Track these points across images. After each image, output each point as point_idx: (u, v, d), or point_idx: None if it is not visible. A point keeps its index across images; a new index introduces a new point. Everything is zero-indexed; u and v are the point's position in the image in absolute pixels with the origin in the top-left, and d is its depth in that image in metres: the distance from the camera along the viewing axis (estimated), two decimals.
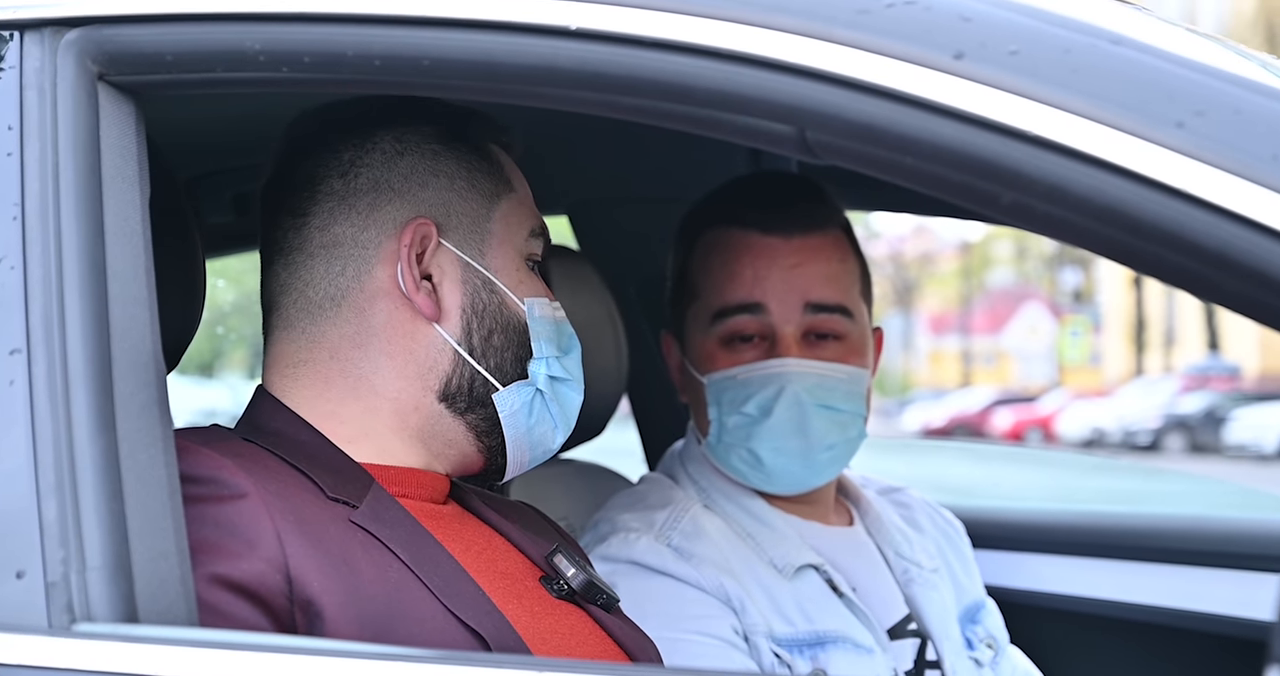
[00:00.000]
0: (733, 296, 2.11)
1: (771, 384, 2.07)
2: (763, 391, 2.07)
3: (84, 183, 1.35)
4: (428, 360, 1.61)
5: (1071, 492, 9.17)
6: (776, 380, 2.07)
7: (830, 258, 2.13)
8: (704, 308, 2.14)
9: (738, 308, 2.10)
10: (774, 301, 2.09)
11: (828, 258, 2.12)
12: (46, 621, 1.26)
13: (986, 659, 2.22)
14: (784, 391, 2.07)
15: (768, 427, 2.08)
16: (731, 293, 2.11)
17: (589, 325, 2.25)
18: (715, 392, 2.11)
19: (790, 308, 2.09)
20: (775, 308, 2.09)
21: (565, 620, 1.63)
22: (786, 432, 2.07)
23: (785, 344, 2.08)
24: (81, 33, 1.38)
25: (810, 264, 2.11)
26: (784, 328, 2.08)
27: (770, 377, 2.07)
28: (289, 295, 1.63)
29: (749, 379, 2.08)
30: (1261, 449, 28.15)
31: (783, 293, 2.09)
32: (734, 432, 2.10)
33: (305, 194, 1.63)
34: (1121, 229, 1.15)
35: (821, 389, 2.08)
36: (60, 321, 1.31)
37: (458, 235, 1.63)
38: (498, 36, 1.28)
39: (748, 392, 2.08)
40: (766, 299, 2.09)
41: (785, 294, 2.09)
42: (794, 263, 2.10)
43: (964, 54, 1.18)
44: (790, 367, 2.07)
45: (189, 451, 1.44)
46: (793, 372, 2.07)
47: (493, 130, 1.71)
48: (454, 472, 1.68)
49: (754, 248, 2.11)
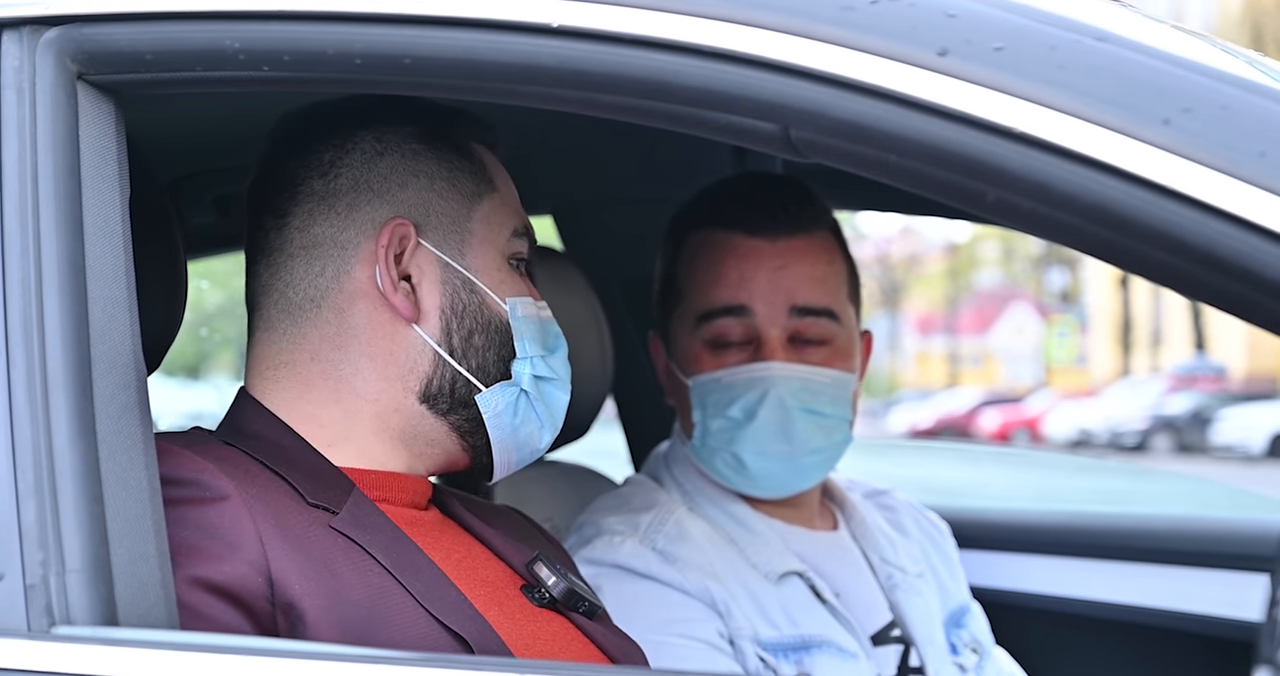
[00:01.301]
0: (718, 298, 2.10)
1: (755, 387, 2.06)
2: (747, 395, 2.06)
3: (63, 182, 1.34)
4: (408, 361, 1.60)
5: (1059, 492, 9.17)
6: (760, 383, 2.06)
7: (817, 259, 2.11)
8: (689, 310, 2.13)
9: (723, 310, 2.09)
10: (759, 304, 2.08)
11: (814, 260, 2.11)
12: (25, 624, 1.26)
13: (971, 664, 2.21)
14: (768, 395, 2.06)
15: (751, 431, 2.07)
16: (717, 295, 2.10)
17: (574, 326, 2.24)
18: (699, 395, 2.10)
19: (776, 310, 2.08)
20: (761, 310, 2.08)
21: (547, 627, 1.62)
22: (770, 436, 2.07)
23: (770, 347, 2.07)
24: (60, 32, 1.37)
25: (796, 266, 2.10)
26: (769, 330, 2.07)
27: (754, 381, 2.06)
28: (270, 296, 1.62)
29: (733, 382, 2.08)
30: (1248, 449, 28.22)
31: (768, 295, 2.08)
32: (718, 436, 2.09)
33: (287, 194, 1.62)
34: (1108, 227, 1.15)
35: (806, 392, 2.07)
36: (39, 322, 1.31)
37: (437, 235, 1.62)
38: (479, 34, 1.28)
39: (732, 395, 2.07)
40: (752, 301, 2.08)
41: (771, 296, 2.08)
42: (779, 264, 2.09)
43: (949, 50, 1.18)
44: (774, 371, 2.06)
45: (170, 454, 1.43)
46: (777, 376, 2.06)
47: (477, 129, 1.70)
48: (439, 472, 1.67)
49: (740, 249, 2.10)
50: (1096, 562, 2.83)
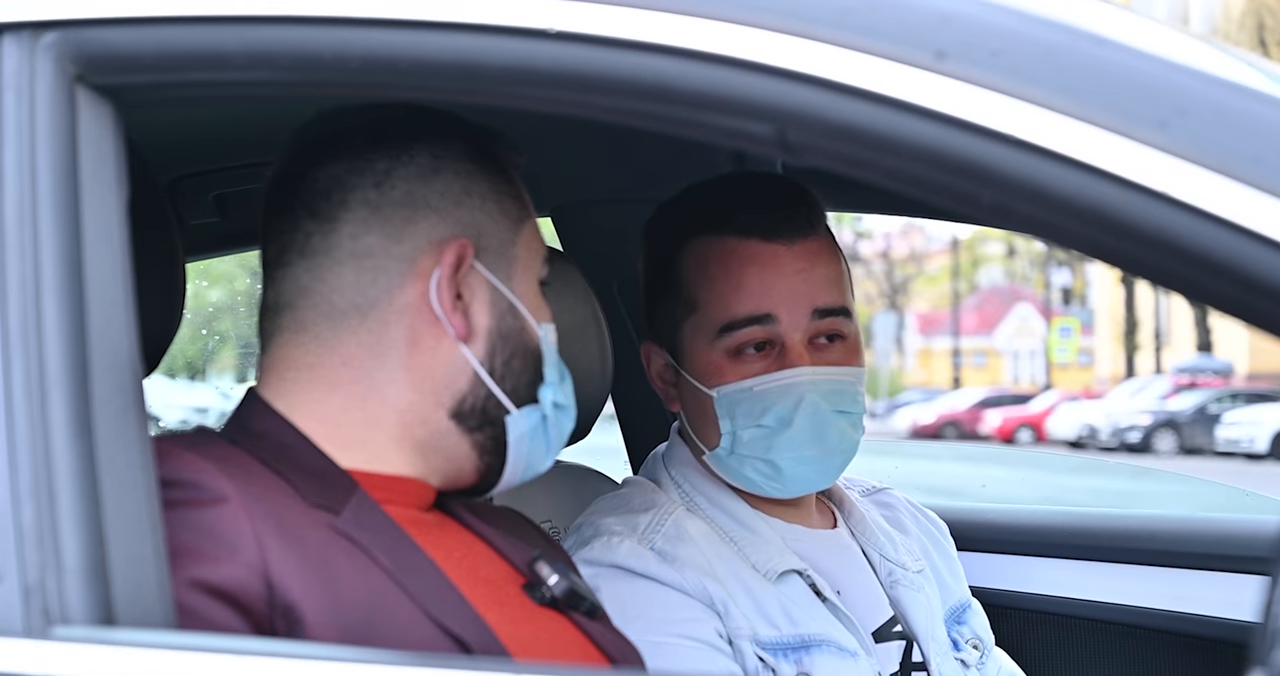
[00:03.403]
0: (740, 309, 2.07)
1: (789, 394, 2.05)
2: (781, 402, 2.05)
3: (61, 185, 1.34)
4: (445, 378, 1.60)
5: (1057, 492, 9.16)
6: (794, 390, 2.05)
7: (830, 260, 2.11)
8: (707, 320, 2.10)
9: (746, 320, 2.06)
10: (783, 310, 2.06)
11: (827, 261, 2.10)
12: (23, 624, 1.26)
13: (973, 660, 2.21)
14: (803, 401, 2.04)
15: (788, 438, 2.05)
16: (739, 305, 2.07)
17: (575, 327, 2.25)
18: (727, 406, 2.08)
19: (799, 315, 2.06)
20: (785, 316, 2.06)
21: (547, 627, 1.63)
22: (806, 441, 2.06)
23: (797, 352, 2.05)
24: (60, 35, 1.37)
25: (814, 269, 2.08)
26: (793, 335, 2.06)
27: (788, 388, 2.05)
28: (309, 299, 1.60)
29: (765, 391, 2.06)
30: (1252, 448, 28.23)
31: (791, 301, 2.06)
32: (751, 445, 2.08)
33: (336, 198, 1.60)
34: (1104, 229, 1.15)
35: (835, 394, 2.07)
36: (37, 324, 1.31)
37: (488, 258, 1.62)
38: (476, 38, 1.28)
39: (764, 404, 2.06)
40: (775, 309, 2.06)
41: (794, 302, 2.06)
42: (799, 268, 2.07)
43: (946, 54, 1.18)
44: (805, 376, 2.04)
45: (170, 455, 1.43)
46: (809, 381, 2.04)
47: (513, 153, 1.70)
48: (443, 486, 1.67)
49: (758, 256, 2.08)
50: (1095, 564, 2.83)
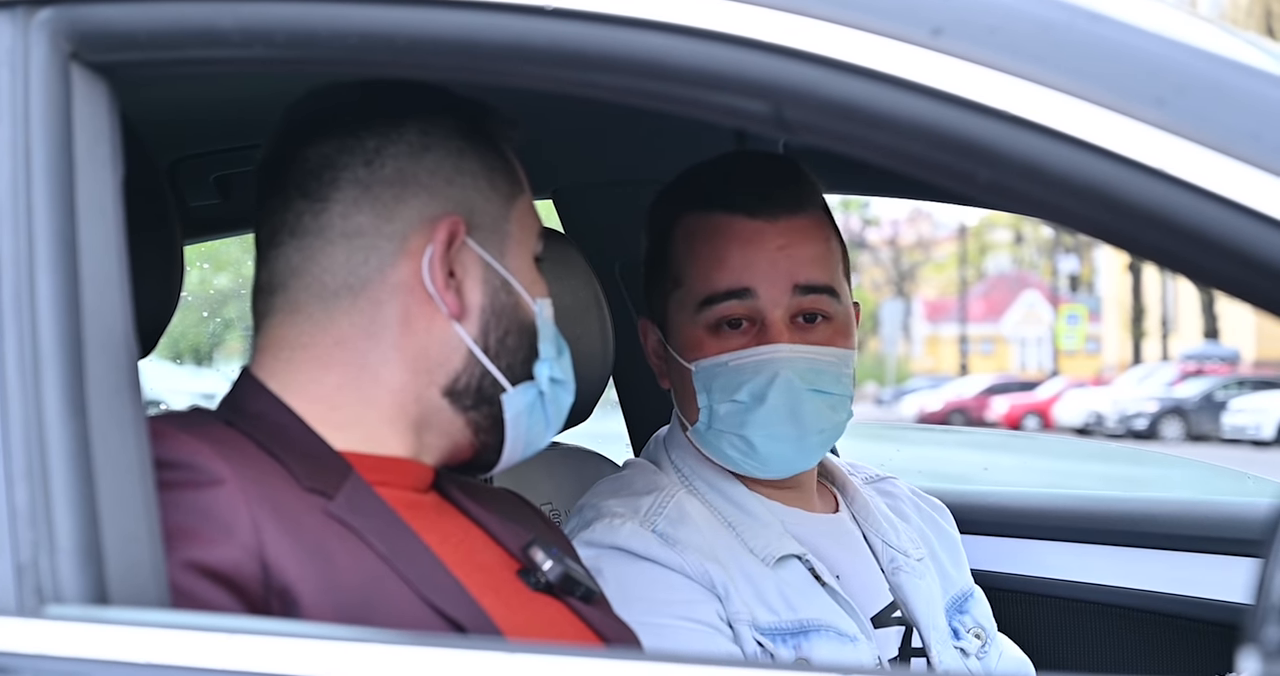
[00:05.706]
0: (720, 282, 2.08)
1: (764, 370, 2.05)
2: (755, 378, 2.05)
3: (56, 162, 1.34)
4: (439, 356, 1.59)
5: (1064, 478, 9.16)
6: (769, 366, 2.05)
7: (816, 238, 2.11)
8: (689, 294, 2.11)
9: (726, 294, 2.07)
10: (763, 285, 2.07)
11: (813, 238, 2.10)
12: (16, 603, 1.26)
13: (973, 648, 2.21)
14: (777, 377, 2.05)
15: (761, 414, 2.06)
16: (719, 279, 2.08)
17: (576, 309, 2.24)
18: (704, 380, 2.09)
19: (779, 291, 2.06)
20: (764, 291, 2.06)
21: (543, 612, 1.62)
22: (780, 419, 2.06)
23: (776, 329, 2.06)
24: (54, 12, 1.37)
25: (797, 246, 2.08)
26: (773, 311, 2.06)
27: (762, 364, 2.05)
28: (301, 279, 1.60)
29: (740, 366, 2.06)
30: (1259, 435, 28.23)
31: (771, 276, 2.07)
32: (725, 420, 2.08)
33: (326, 177, 1.59)
34: (1101, 207, 1.15)
35: (813, 373, 2.06)
36: (31, 302, 1.30)
37: (481, 235, 1.62)
38: (474, 15, 1.27)
39: (740, 380, 2.06)
40: (755, 283, 2.07)
41: (774, 277, 2.07)
42: (781, 244, 2.08)
43: (943, 30, 1.17)
44: (782, 353, 2.05)
45: (166, 436, 1.43)
46: (785, 358, 2.05)
47: (506, 127, 1.69)
48: (440, 464, 1.66)
49: (741, 232, 2.08)
50: (1100, 547, 2.83)
